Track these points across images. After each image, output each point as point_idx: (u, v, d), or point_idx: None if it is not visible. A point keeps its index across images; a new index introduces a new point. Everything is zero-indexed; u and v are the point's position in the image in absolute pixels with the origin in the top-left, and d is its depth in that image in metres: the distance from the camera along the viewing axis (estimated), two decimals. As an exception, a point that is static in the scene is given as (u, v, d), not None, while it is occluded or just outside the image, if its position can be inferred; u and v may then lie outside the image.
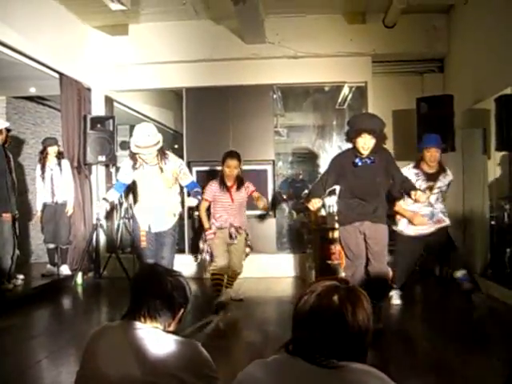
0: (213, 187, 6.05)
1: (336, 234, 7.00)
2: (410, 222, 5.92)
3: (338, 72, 8.34)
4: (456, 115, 7.08)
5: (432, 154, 5.83)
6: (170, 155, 5.40)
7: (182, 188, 5.77)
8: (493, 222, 6.95)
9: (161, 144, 5.19)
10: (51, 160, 7.57)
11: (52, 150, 7.57)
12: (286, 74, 8.38)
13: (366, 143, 4.82)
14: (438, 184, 5.90)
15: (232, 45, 8.27)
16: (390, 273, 5.47)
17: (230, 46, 8.28)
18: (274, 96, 9.04)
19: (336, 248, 7.20)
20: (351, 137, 4.96)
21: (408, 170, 5.82)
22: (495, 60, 6.57)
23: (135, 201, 5.61)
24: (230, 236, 6.04)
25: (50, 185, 7.54)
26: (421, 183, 5.77)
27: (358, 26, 8.20)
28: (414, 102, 7.51)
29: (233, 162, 5.96)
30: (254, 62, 8.35)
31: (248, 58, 8.34)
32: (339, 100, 9.68)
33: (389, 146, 7.98)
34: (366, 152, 4.87)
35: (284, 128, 10.72)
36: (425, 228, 5.91)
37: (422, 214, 5.86)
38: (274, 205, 8.65)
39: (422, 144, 6.01)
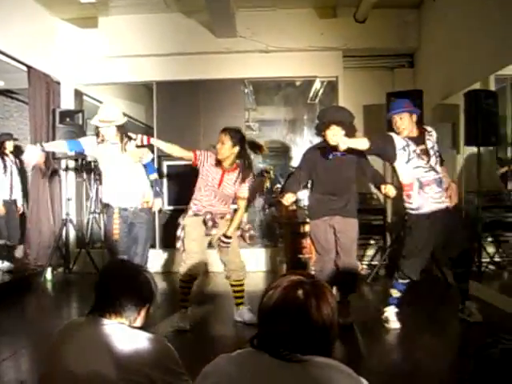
0: (210, 156, 5.09)
1: (307, 228, 7.04)
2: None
3: (309, 66, 8.35)
4: (425, 110, 7.12)
5: (395, 122, 4.96)
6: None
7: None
8: (462, 216, 7.02)
9: (120, 122, 5.26)
10: (9, 156, 7.63)
11: (10, 145, 7.64)
12: (258, 68, 8.36)
13: (335, 135, 4.79)
14: (429, 144, 4.94)
15: (203, 38, 8.21)
16: (360, 266, 5.46)
17: (200, 40, 8.22)
18: (246, 90, 9.03)
19: (307, 242, 7.22)
20: (320, 129, 5.00)
21: (398, 137, 4.93)
22: (464, 55, 6.63)
23: (103, 186, 5.57)
24: (205, 223, 5.07)
25: (10, 181, 7.57)
26: (415, 148, 4.87)
27: (329, 20, 8.21)
28: (385, 97, 7.54)
29: (221, 137, 5.00)
30: (225, 56, 8.31)
31: (219, 52, 8.29)
32: (310, 94, 9.70)
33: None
34: (333, 143, 4.83)
35: (255, 122, 10.70)
36: (437, 199, 4.88)
37: (428, 179, 4.85)
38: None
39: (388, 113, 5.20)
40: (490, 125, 6.14)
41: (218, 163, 5.05)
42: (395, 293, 5.04)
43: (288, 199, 5.05)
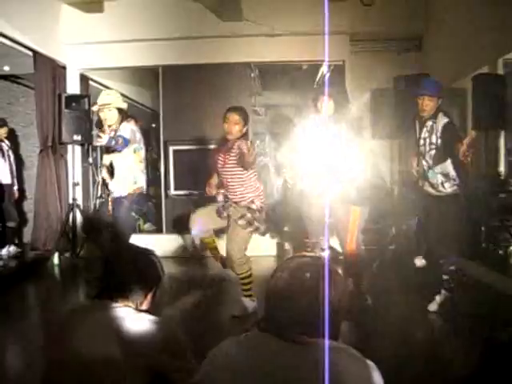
0: (217, 154, 5.17)
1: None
2: None
3: (315, 50, 8.29)
4: (433, 94, 7.08)
5: (423, 100, 4.98)
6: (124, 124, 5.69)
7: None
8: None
9: (118, 105, 5.70)
10: (5, 141, 7.70)
11: (3, 131, 7.74)
12: (264, 52, 8.30)
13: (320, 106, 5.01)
14: (423, 133, 5.00)
15: (209, 22, 8.14)
16: None
17: (206, 24, 8.15)
18: (252, 74, 8.98)
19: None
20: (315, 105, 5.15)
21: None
22: (472, 39, 6.57)
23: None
24: (217, 211, 5.04)
25: (9, 166, 7.63)
26: (417, 133, 5.11)
27: (335, 3, 8.10)
28: (392, 81, 7.49)
29: (232, 117, 4.94)
30: (231, 40, 8.25)
31: (225, 36, 8.22)
32: (317, 79, 9.65)
33: (367, 124, 8.04)
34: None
35: (262, 107, 10.69)
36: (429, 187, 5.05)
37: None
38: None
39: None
40: (498, 109, 6.10)
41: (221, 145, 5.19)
42: None
43: None
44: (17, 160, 8.37)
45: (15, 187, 7.97)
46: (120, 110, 5.71)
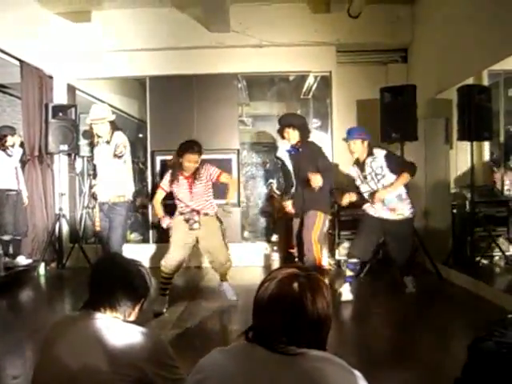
0: (172, 176, 5.68)
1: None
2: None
3: (302, 61, 8.35)
4: (419, 105, 7.13)
5: (349, 145, 5.81)
6: (118, 133, 5.98)
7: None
8: (455, 211, 7.05)
9: (111, 118, 5.99)
10: (11, 149, 7.55)
11: (13, 140, 7.55)
12: (251, 62, 8.34)
13: (287, 136, 5.81)
14: (367, 170, 5.71)
15: (196, 33, 8.18)
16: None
17: (194, 35, 8.19)
18: (239, 85, 9.01)
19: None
20: (281, 133, 5.93)
21: (351, 170, 5.95)
22: (458, 50, 6.64)
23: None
24: (187, 221, 5.53)
25: (15, 174, 7.51)
26: (360, 175, 5.82)
27: (322, 15, 8.20)
28: (378, 92, 7.54)
29: (194, 157, 5.45)
30: (218, 51, 8.29)
31: (212, 47, 8.26)
32: (304, 89, 9.69)
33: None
34: (291, 142, 5.84)
35: (249, 117, 10.70)
36: (380, 210, 5.79)
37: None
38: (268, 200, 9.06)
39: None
40: (483, 120, 6.17)
41: (181, 175, 5.64)
42: (348, 272, 5.94)
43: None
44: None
45: (25, 194, 7.80)
46: (111, 123, 5.98)
